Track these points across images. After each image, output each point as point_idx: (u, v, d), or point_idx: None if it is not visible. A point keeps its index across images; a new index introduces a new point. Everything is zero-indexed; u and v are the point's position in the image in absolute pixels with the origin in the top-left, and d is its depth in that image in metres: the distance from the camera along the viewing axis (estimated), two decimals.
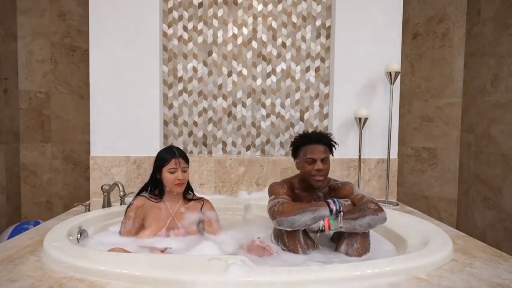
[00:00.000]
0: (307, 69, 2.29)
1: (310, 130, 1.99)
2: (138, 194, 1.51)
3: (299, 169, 1.50)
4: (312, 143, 1.45)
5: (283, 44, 2.29)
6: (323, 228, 1.26)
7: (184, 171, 1.45)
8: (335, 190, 1.47)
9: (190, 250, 1.30)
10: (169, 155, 1.44)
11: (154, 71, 2.14)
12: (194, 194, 1.59)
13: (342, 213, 1.26)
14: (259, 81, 2.29)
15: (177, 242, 1.39)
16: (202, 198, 1.59)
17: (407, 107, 2.72)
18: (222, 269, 1.00)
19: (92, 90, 2.11)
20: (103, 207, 1.81)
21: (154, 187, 1.51)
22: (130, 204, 1.46)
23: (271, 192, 1.47)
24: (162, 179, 1.46)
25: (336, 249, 1.33)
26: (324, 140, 1.46)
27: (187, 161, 1.48)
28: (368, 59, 2.16)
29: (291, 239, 1.32)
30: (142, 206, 1.45)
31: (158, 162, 1.46)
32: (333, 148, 1.50)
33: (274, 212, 1.29)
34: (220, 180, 2.18)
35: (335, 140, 1.50)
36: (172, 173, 1.42)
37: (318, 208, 1.27)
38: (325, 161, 1.43)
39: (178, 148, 1.49)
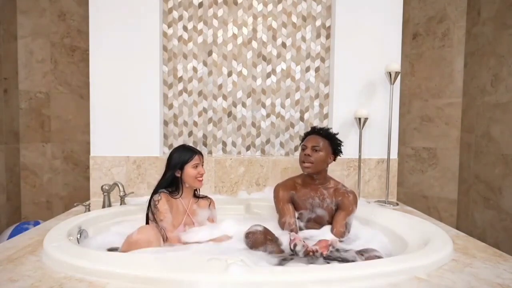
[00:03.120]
0: (307, 69, 2.29)
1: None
2: (156, 191, 1.50)
3: (299, 161, 1.61)
4: (309, 134, 1.63)
5: (283, 44, 2.28)
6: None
7: (203, 166, 1.55)
8: (339, 194, 1.59)
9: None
10: (190, 151, 1.52)
11: (154, 71, 2.14)
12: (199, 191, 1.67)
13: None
14: (259, 81, 2.29)
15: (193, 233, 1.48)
16: (207, 196, 1.68)
17: (407, 107, 2.72)
18: (222, 269, 1.00)
19: (92, 90, 2.11)
20: (103, 207, 1.81)
21: (170, 185, 1.53)
22: (157, 201, 1.44)
23: (274, 199, 1.63)
24: (183, 176, 1.50)
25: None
26: (322, 132, 1.59)
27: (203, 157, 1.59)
28: (368, 59, 2.16)
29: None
30: (169, 201, 1.48)
31: (180, 159, 1.50)
32: (337, 147, 1.58)
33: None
34: (220, 180, 2.18)
35: (337, 138, 1.61)
36: (195, 168, 1.50)
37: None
38: (316, 149, 1.55)
39: (190, 146, 1.59)
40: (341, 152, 1.64)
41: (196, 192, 1.63)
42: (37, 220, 2.43)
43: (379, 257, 1.22)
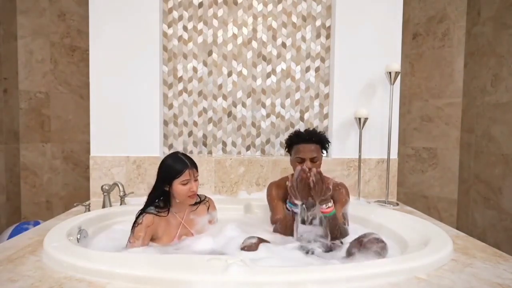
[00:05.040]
0: (307, 69, 2.29)
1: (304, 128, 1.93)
2: (144, 209, 1.37)
3: (292, 166, 1.56)
4: (302, 142, 1.51)
5: (283, 44, 2.28)
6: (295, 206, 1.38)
7: (196, 180, 1.37)
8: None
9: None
10: (180, 165, 1.33)
11: (154, 71, 2.14)
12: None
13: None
14: (259, 81, 2.29)
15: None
16: (205, 197, 1.56)
17: (407, 107, 2.72)
18: (222, 269, 1.00)
19: (92, 90, 2.11)
20: (103, 207, 1.81)
21: (159, 198, 1.40)
22: (137, 223, 1.32)
23: (267, 197, 1.60)
24: (173, 192, 1.36)
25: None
26: (314, 139, 1.51)
27: (197, 169, 1.39)
28: (368, 59, 2.16)
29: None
30: (152, 225, 1.33)
31: (168, 174, 1.34)
32: (326, 145, 1.55)
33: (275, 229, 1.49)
34: (220, 180, 2.18)
35: (327, 138, 1.56)
36: (185, 184, 1.33)
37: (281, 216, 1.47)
38: (314, 160, 1.49)
39: (186, 156, 1.40)
40: (326, 150, 1.60)
41: None
42: (37, 220, 2.43)
43: (377, 239, 1.23)
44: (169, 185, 1.35)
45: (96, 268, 1.03)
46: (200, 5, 2.25)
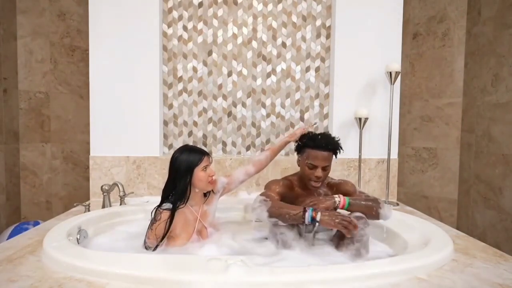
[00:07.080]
0: (307, 69, 2.29)
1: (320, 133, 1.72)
2: (161, 207, 1.36)
3: (299, 166, 1.51)
4: (317, 148, 1.42)
5: (283, 44, 2.28)
6: (312, 221, 1.25)
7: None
8: (335, 187, 1.52)
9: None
10: (198, 153, 1.39)
11: (154, 71, 2.14)
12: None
13: (317, 223, 1.25)
14: (259, 81, 2.29)
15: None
16: None
17: (407, 107, 2.72)
18: (222, 269, 1.00)
19: (92, 90, 2.11)
20: (103, 207, 1.81)
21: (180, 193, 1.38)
22: (155, 220, 1.33)
23: (265, 186, 1.52)
24: (193, 181, 1.38)
25: (336, 248, 1.34)
26: (330, 147, 1.43)
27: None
28: (368, 59, 2.16)
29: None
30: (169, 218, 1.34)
31: (189, 164, 1.36)
32: (338, 153, 1.49)
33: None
34: None
35: (341, 146, 1.48)
36: (205, 170, 1.38)
37: (295, 211, 1.29)
38: (326, 168, 1.43)
39: (194, 146, 1.45)
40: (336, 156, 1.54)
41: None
42: (37, 220, 2.42)
43: (357, 217, 1.29)
44: (191, 175, 1.37)
45: (96, 268, 1.03)
46: (200, 5, 2.25)
